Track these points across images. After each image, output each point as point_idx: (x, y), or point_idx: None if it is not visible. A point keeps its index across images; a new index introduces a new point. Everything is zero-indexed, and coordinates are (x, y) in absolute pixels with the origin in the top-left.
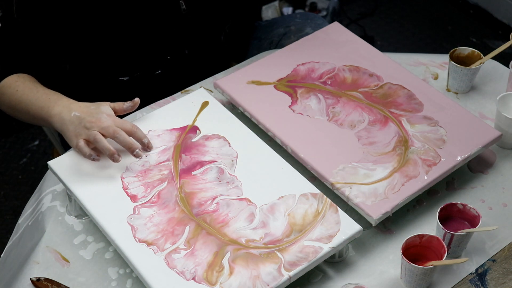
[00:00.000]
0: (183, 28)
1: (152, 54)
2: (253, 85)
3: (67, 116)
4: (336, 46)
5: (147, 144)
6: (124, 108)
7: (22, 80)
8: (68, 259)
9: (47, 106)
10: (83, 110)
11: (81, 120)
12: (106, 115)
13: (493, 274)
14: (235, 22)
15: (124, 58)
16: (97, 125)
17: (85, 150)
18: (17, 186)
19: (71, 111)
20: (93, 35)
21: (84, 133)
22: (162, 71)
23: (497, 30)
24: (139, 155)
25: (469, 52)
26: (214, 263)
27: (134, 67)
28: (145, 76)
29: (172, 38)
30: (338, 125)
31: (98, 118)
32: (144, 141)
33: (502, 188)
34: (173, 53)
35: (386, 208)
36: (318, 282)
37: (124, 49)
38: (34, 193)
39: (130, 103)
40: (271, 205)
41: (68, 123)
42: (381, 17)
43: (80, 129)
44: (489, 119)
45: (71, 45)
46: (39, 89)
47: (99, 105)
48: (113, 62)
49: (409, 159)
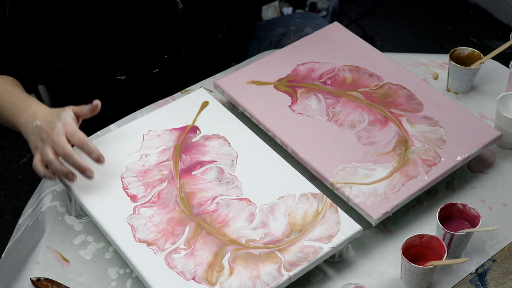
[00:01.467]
0: (180, 27)
1: (149, 53)
2: (253, 85)
3: (30, 125)
4: (336, 46)
5: (97, 158)
6: (84, 112)
7: (3, 83)
8: (68, 259)
9: (17, 113)
10: (45, 119)
11: (40, 130)
12: (61, 124)
13: (493, 274)
14: (233, 21)
15: (121, 57)
16: (51, 138)
17: (39, 169)
18: (17, 186)
19: (34, 119)
20: (90, 33)
21: (40, 147)
22: (160, 70)
23: (497, 30)
24: (89, 177)
25: (469, 52)
26: (214, 263)
27: (131, 66)
28: (142, 75)
29: (169, 37)
30: (338, 125)
31: (52, 128)
32: (93, 156)
33: (502, 188)
34: (170, 52)
35: (386, 208)
36: (318, 282)
37: (121, 48)
38: (34, 193)
39: (89, 106)
40: (271, 205)
41: (30, 133)
42: (381, 17)
43: (37, 141)
44: (489, 119)
45: (67, 44)
46: (14, 94)
47: (61, 111)
48: (110, 61)
49: (409, 159)
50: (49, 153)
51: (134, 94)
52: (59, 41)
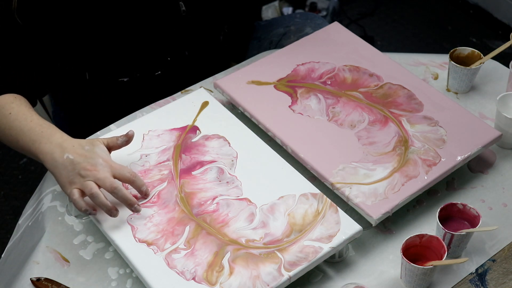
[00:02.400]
0: (183, 29)
1: (152, 55)
2: (253, 85)
3: (59, 157)
4: (336, 46)
5: (145, 192)
6: (119, 143)
7: (18, 103)
8: (68, 259)
9: (38, 141)
10: (77, 151)
11: (75, 165)
12: (102, 160)
13: (493, 274)
14: (234, 21)
15: (124, 59)
16: (93, 174)
17: (81, 204)
18: (17, 186)
19: (64, 152)
20: (93, 36)
21: (79, 182)
22: (162, 72)
23: (497, 30)
24: (137, 211)
25: (469, 52)
26: (214, 263)
27: (134, 68)
28: (145, 77)
29: (172, 39)
30: (338, 125)
31: (94, 165)
32: (143, 189)
33: (502, 188)
34: (173, 54)
35: (386, 208)
36: (318, 282)
37: (124, 50)
38: (34, 193)
39: (124, 137)
40: (271, 205)
41: (60, 166)
42: (381, 17)
43: (74, 176)
44: (489, 119)
45: (71, 46)
46: (33, 118)
47: (94, 145)
48: (113, 63)
49: (409, 159)
50: (94, 186)
51: (135, 95)
52: (64, 44)
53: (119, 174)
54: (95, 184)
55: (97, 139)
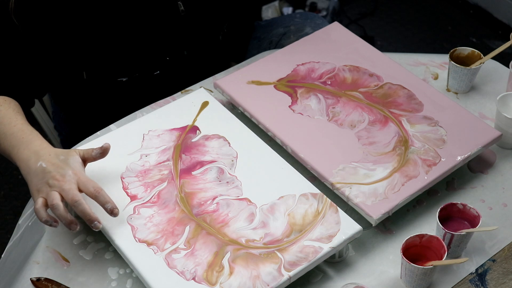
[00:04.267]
0: (182, 29)
1: (151, 55)
2: (253, 85)
3: (33, 165)
4: (336, 46)
5: (110, 209)
6: (93, 155)
7: (6, 107)
8: (68, 259)
9: (17, 147)
10: (51, 160)
11: (46, 173)
12: (72, 171)
13: (493, 274)
14: (233, 21)
15: (123, 59)
16: (60, 185)
17: (42, 214)
18: (17, 186)
19: (38, 159)
20: (91, 36)
21: (45, 191)
22: (161, 71)
23: (497, 30)
24: (96, 228)
25: (469, 52)
26: (214, 263)
27: (133, 68)
28: (144, 76)
29: (171, 39)
30: (338, 125)
31: (63, 175)
32: (107, 207)
33: (502, 188)
34: (172, 54)
35: (386, 208)
36: (318, 282)
37: (123, 50)
38: None
39: (99, 149)
40: (271, 205)
41: (32, 174)
42: (381, 17)
43: (42, 184)
44: (489, 119)
45: (68, 46)
46: (17, 123)
47: (69, 156)
48: (111, 63)
49: (409, 159)
50: (56, 197)
51: (134, 95)
52: (61, 44)
53: (83, 188)
54: (59, 195)
55: (74, 150)
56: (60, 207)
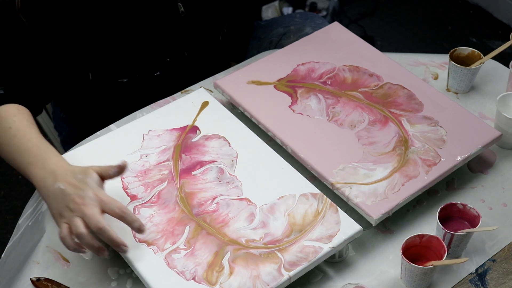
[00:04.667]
0: (182, 30)
1: (151, 56)
2: (253, 85)
3: (51, 186)
4: (336, 46)
5: (138, 227)
6: (111, 174)
7: (20, 117)
8: (68, 259)
9: (33, 165)
10: (68, 180)
11: (65, 196)
12: (92, 193)
13: (493, 274)
14: (233, 21)
15: (123, 60)
16: (81, 210)
17: (69, 243)
18: (17, 186)
19: (56, 180)
20: (92, 37)
21: (68, 217)
22: (161, 73)
23: (497, 30)
24: (123, 251)
25: (469, 52)
26: (214, 263)
27: (133, 69)
28: (144, 77)
29: (171, 40)
30: (338, 125)
31: (83, 198)
32: (135, 225)
33: (502, 188)
34: (172, 55)
35: (386, 208)
36: (318, 282)
37: (123, 51)
38: (34, 193)
39: (116, 168)
40: (271, 205)
41: (51, 196)
42: (381, 17)
43: (63, 208)
44: (489, 119)
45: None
46: (32, 137)
47: (86, 175)
48: (112, 64)
49: (409, 159)
50: (80, 225)
51: (135, 96)
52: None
53: (108, 209)
54: (82, 223)
55: (90, 167)
56: (86, 236)
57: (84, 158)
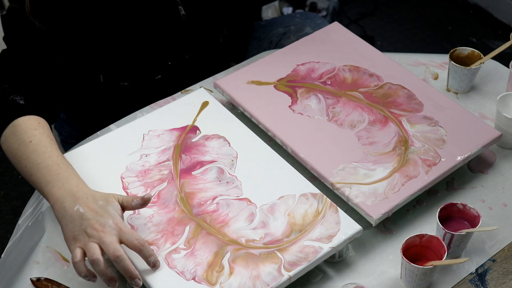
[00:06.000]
0: (183, 33)
1: (152, 60)
2: (253, 85)
3: (69, 208)
4: (336, 46)
5: (153, 263)
6: (133, 205)
7: (41, 131)
8: (68, 259)
9: (52, 184)
10: (89, 205)
11: (83, 220)
12: (112, 221)
13: (493, 274)
14: (233, 22)
15: (125, 64)
16: (99, 236)
17: (81, 269)
18: (17, 186)
19: (75, 202)
20: (94, 41)
21: (83, 241)
22: (162, 76)
23: (497, 30)
24: (137, 285)
25: (469, 52)
26: (214, 263)
27: (135, 72)
28: (145, 81)
29: (172, 44)
30: (338, 125)
31: (103, 225)
32: (150, 260)
33: (502, 188)
34: (173, 59)
35: (386, 208)
36: (318, 282)
37: (125, 55)
38: (34, 193)
39: (140, 200)
40: (271, 205)
41: (68, 218)
42: (381, 17)
43: (79, 232)
44: (489, 119)
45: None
46: (52, 154)
47: (108, 202)
48: (114, 68)
49: (409, 159)
50: (97, 251)
51: (134, 99)
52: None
53: (126, 240)
54: (99, 249)
55: (112, 195)
56: (101, 263)
57: (84, 158)
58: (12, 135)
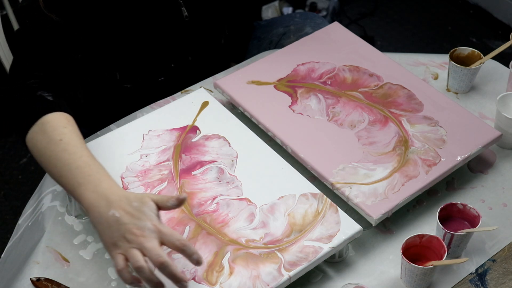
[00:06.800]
0: (186, 35)
1: (156, 62)
2: (253, 85)
3: (104, 213)
4: (336, 46)
5: (197, 260)
6: (168, 205)
7: (71, 129)
8: (68, 259)
9: (84, 186)
10: (124, 208)
11: (121, 225)
12: (150, 223)
13: (493, 274)
14: (234, 23)
15: (128, 67)
16: (140, 241)
17: (126, 277)
18: (17, 186)
19: (110, 206)
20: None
21: (123, 247)
22: (165, 78)
23: (497, 30)
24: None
25: (469, 52)
26: (214, 263)
27: (138, 75)
28: (148, 83)
29: (175, 46)
30: (338, 125)
31: (141, 229)
32: (194, 258)
33: (502, 188)
34: (176, 61)
35: (386, 208)
36: (318, 282)
37: (128, 58)
38: (34, 193)
39: (175, 200)
40: (271, 205)
41: (105, 223)
42: (381, 17)
43: (118, 238)
44: (489, 119)
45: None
46: (83, 154)
47: (143, 203)
48: (117, 71)
49: (409, 159)
50: (140, 259)
51: (137, 101)
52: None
53: (167, 242)
54: (141, 255)
55: (146, 195)
56: (146, 270)
57: None
58: (41, 132)
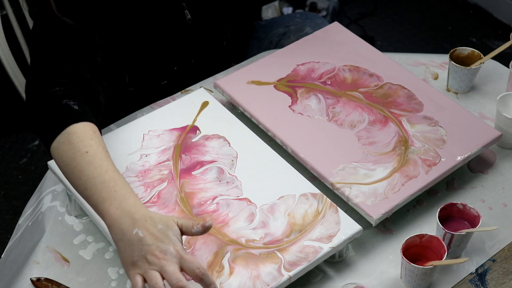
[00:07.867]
0: (189, 38)
1: (160, 65)
2: (253, 85)
3: (128, 231)
4: (336, 46)
5: None
6: (193, 232)
7: (97, 141)
8: (68, 259)
9: (108, 202)
10: (148, 229)
11: (143, 246)
12: (173, 248)
13: (493, 274)
14: (234, 23)
15: (131, 71)
16: (161, 264)
17: None
18: (17, 186)
19: (134, 225)
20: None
21: (143, 268)
22: (168, 81)
23: (497, 30)
24: None
25: (469, 52)
26: (214, 263)
27: (141, 78)
28: (151, 86)
29: (178, 49)
30: (338, 125)
31: (164, 252)
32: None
33: (502, 188)
34: (179, 64)
35: (386, 208)
36: (318, 282)
37: (132, 61)
38: (34, 193)
39: (200, 227)
40: (271, 205)
41: (127, 242)
42: (381, 17)
43: (139, 258)
44: (489, 119)
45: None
46: (108, 168)
47: (168, 227)
48: (121, 74)
49: (409, 159)
50: (159, 281)
51: (139, 103)
52: None
53: (187, 268)
54: (160, 277)
55: (171, 218)
56: None
57: None
58: (67, 142)
